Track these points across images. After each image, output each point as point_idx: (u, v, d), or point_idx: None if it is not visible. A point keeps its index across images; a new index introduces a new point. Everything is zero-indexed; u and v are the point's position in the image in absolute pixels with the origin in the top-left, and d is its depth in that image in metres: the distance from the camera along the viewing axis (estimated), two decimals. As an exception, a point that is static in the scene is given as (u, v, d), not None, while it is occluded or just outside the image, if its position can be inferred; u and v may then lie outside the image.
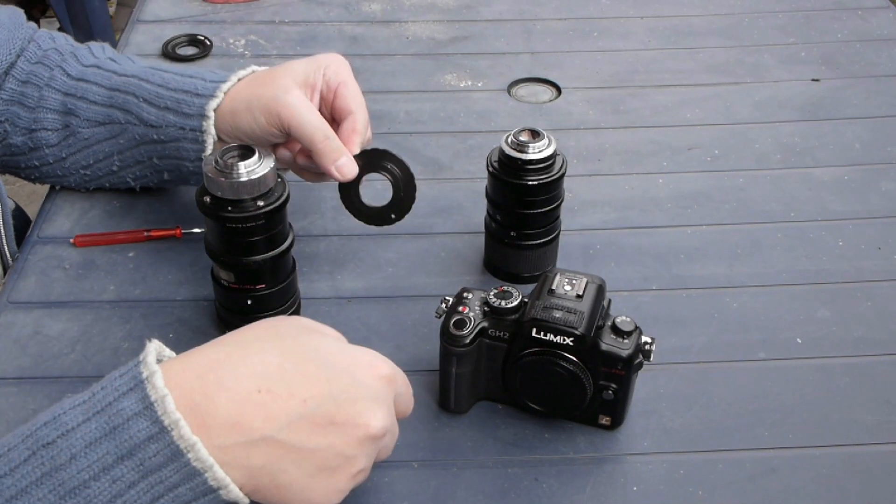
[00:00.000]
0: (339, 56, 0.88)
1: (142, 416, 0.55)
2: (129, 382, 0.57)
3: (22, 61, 0.95)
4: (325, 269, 0.93)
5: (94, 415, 0.56)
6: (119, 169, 0.94)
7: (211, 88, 0.86)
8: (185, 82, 0.88)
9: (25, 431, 0.57)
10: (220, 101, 0.86)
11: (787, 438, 0.76)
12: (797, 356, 0.84)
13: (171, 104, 0.87)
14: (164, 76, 0.90)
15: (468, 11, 1.39)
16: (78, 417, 0.56)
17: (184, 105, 0.87)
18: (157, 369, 0.57)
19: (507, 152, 0.84)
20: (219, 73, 0.90)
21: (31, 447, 0.55)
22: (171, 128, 0.88)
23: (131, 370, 0.58)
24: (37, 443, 0.56)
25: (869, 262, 0.94)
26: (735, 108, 1.18)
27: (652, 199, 1.02)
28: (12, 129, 0.94)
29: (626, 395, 0.74)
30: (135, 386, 0.56)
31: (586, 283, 0.74)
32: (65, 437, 0.55)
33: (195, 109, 0.86)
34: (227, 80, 0.87)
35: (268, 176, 0.75)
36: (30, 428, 0.57)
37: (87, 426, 0.56)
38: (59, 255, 0.93)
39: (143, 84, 0.90)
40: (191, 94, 0.87)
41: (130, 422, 0.55)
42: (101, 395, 0.57)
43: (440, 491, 0.72)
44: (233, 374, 0.58)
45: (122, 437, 0.55)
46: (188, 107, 0.87)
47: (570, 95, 1.20)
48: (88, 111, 0.92)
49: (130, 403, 0.56)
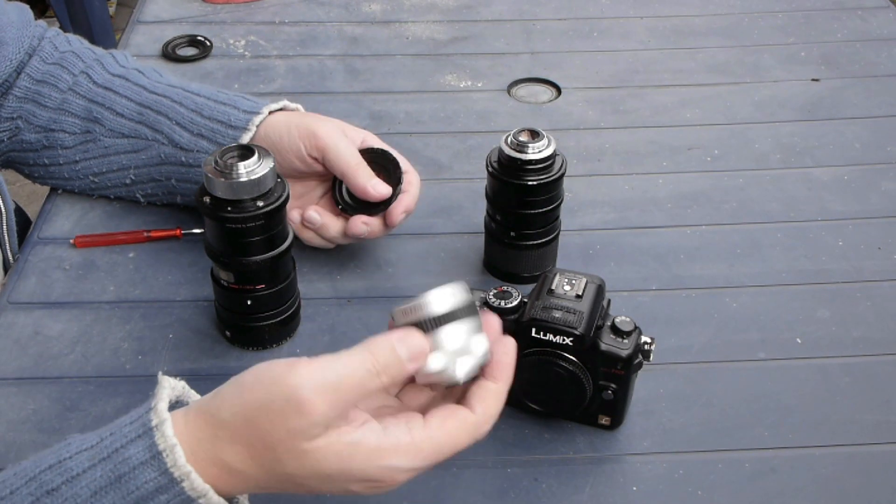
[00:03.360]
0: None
1: (148, 466, 0.54)
2: (138, 429, 0.56)
3: (36, 61, 0.96)
4: (325, 269, 0.93)
5: (99, 461, 0.55)
6: (132, 183, 0.95)
7: (244, 121, 0.89)
8: (218, 110, 0.90)
9: (29, 472, 0.56)
10: (253, 134, 0.88)
11: (786, 438, 0.76)
12: (797, 356, 0.84)
13: (205, 132, 0.90)
14: (197, 101, 0.91)
15: (468, 11, 1.39)
16: (84, 463, 0.55)
17: (218, 135, 0.89)
18: (167, 417, 0.56)
19: (507, 152, 0.84)
20: (251, 100, 0.91)
21: (34, 492, 0.55)
22: (204, 154, 0.89)
23: (141, 417, 0.56)
24: (41, 488, 0.55)
25: (869, 262, 0.94)
26: (735, 108, 1.18)
27: (652, 200, 1.02)
28: (26, 125, 0.95)
29: (626, 395, 0.74)
30: (143, 433, 0.55)
31: (586, 283, 0.74)
32: (70, 484, 0.55)
33: (229, 140, 0.88)
34: (259, 111, 0.89)
35: (267, 176, 0.75)
36: (33, 469, 0.56)
37: (93, 473, 0.55)
38: (60, 256, 0.93)
39: (175, 107, 0.91)
40: (224, 125, 0.89)
41: (137, 471, 0.54)
42: (109, 441, 0.56)
43: (440, 491, 0.72)
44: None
45: (129, 487, 0.54)
46: (222, 137, 0.89)
47: (570, 95, 1.20)
48: (114, 122, 0.93)
49: (137, 451, 0.55)
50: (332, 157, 0.86)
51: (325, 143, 0.86)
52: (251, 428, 0.55)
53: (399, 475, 0.57)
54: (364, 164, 0.86)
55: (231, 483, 0.56)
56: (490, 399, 0.61)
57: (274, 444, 0.55)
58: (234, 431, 0.56)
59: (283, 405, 0.54)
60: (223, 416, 0.56)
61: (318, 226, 0.89)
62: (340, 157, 0.86)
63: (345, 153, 0.86)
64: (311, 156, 0.87)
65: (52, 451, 0.57)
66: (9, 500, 0.55)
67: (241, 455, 0.56)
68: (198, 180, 0.91)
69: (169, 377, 0.60)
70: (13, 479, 0.56)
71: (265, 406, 0.55)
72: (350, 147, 0.87)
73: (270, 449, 0.55)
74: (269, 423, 0.55)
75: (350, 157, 0.86)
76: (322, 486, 0.57)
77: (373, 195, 0.86)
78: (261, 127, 0.89)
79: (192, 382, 0.63)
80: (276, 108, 0.90)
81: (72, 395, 0.79)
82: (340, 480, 0.57)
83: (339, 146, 0.86)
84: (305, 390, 0.54)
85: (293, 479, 0.57)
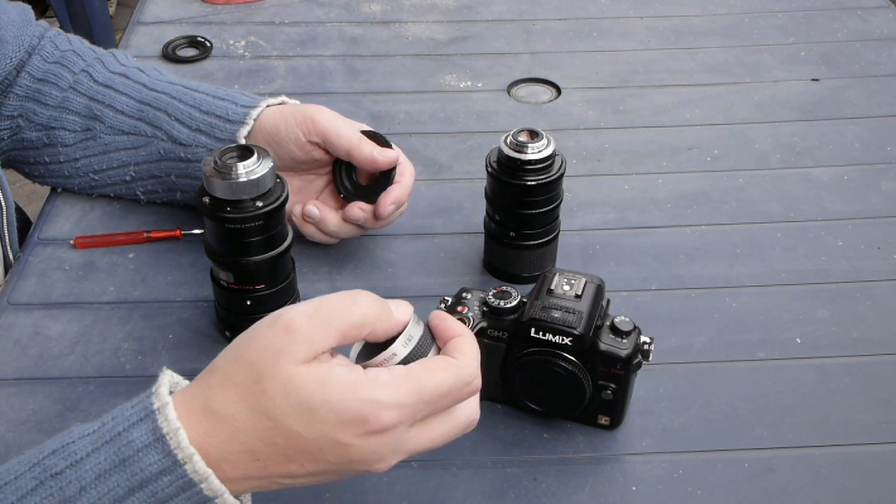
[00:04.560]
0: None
1: (152, 448, 0.55)
2: (140, 413, 0.56)
3: (37, 59, 0.96)
4: (325, 269, 0.93)
5: (103, 445, 0.55)
6: (132, 180, 0.95)
7: (241, 114, 0.89)
8: (216, 105, 0.91)
9: (32, 459, 0.56)
10: (251, 128, 0.89)
11: (786, 438, 0.76)
12: (796, 356, 0.84)
13: (203, 127, 0.90)
14: (196, 97, 0.92)
15: (468, 12, 1.39)
16: (87, 447, 0.55)
17: (216, 130, 0.89)
18: (168, 401, 0.56)
19: (506, 153, 0.84)
20: (249, 97, 0.92)
21: (38, 476, 0.55)
22: (202, 149, 0.90)
23: (143, 401, 0.57)
24: (45, 472, 0.55)
25: (868, 262, 0.94)
26: (735, 108, 1.18)
27: (651, 199, 1.02)
28: (27, 124, 0.96)
29: (625, 395, 0.74)
30: (145, 416, 0.56)
31: (585, 283, 0.74)
32: (74, 468, 0.55)
33: (227, 135, 0.89)
34: (257, 105, 0.90)
35: (266, 176, 0.75)
36: (37, 455, 0.56)
37: (97, 456, 0.55)
38: (60, 257, 0.93)
39: (175, 103, 0.92)
40: (222, 120, 0.89)
41: (141, 453, 0.55)
42: (111, 425, 0.56)
43: (439, 491, 0.72)
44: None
45: (133, 469, 0.54)
46: (220, 132, 0.89)
47: (570, 96, 1.20)
48: (114, 119, 0.93)
49: (140, 434, 0.55)
50: (334, 137, 0.87)
51: (324, 126, 0.87)
52: (240, 363, 0.57)
53: (383, 412, 0.56)
54: (366, 139, 0.87)
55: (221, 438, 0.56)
56: (463, 346, 0.61)
57: (261, 374, 0.56)
58: (224, 373, 0.57)
59: (269, 330, 0.57)
60: (216, 364, 0.58)
61: (317, 220, 0.89)
62: (342, 136, 0.87)
63: (346, 131, 0.87)
64: (310, 142, 0.87)
65: (55, 438, 0.57)
66: (13, 485, 0.55)
67: (230, 398, 0.56)
68: (197, 176, 0.91)
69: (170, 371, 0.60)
70: (17, 466, 0.56)
71: (254, 337, 0.57)
72: (350, 126, 0.88)
73: (257, 381, 0.55)
74: (258, 351, 0.56)
75: (352, 134, 0.87)
76: (309, 433, 0.56)
77: (381, 161, 0.87)
78: (258, 120, 0.89)
79: (192, 383, 0.63)
80: (274, 102, 0.91)
81: (72, 395, 0.79)
82: (325, 420, 0.55)
83: (339, 126, 0.87)
84: (290, 313, 0.57)
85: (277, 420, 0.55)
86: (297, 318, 0.57)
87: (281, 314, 0.58)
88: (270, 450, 0.56)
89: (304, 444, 0.56)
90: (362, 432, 0.56)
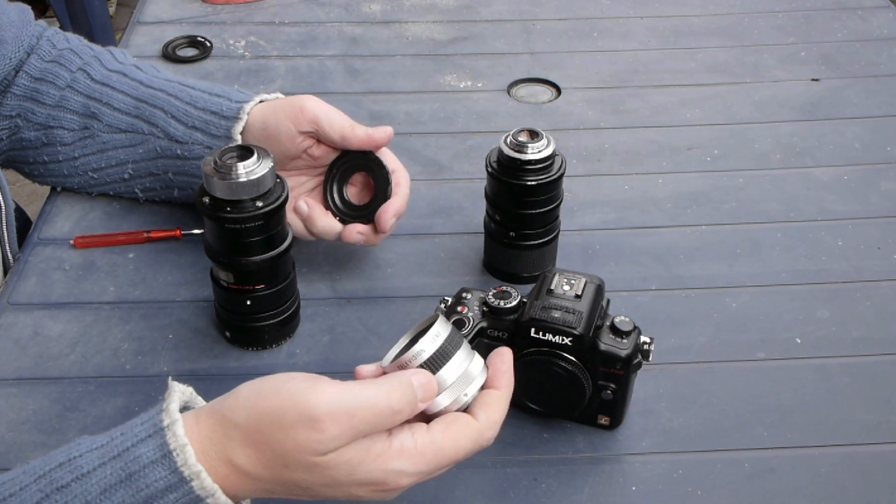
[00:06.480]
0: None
1: (159, 465, 0.55)
2: (149, 429, 0.56)
3: (35, 59, 0.96)
4: (325, 269, 0.93)
5: (110, 460, 0.55)
6: (130, 178, 0.95)
7: (235, 110, 0.89)
8: (211, 102, 0.90)
9: (38, 470, 0.56)
10: (245, 122, 0.88)
11: (785, 438, 0.76)
12: (796, 356, 0.84)
13: (199, 124, 0.90)
14: (191, 94, 0.92)
15: (468, 12, 1.39)
16: (94, 461, 0.55)
17: (211, 126, 0.89)
18: (178, 418, 0.56)
19: (506, 153, 0.84)
20: (244, 93, 0.91)
21: (44, 489, 0.55)
22: (198, 146, 0.90)
23: (152, 417, 0.57)
24: (50, 485, 0.55)
25: (868, 262, 0.94)
26: (735, 108, 1.18)
27: (651, 200, 1.02)
28: (25, 123, 0.96)
29: (625, 395, 0.74)
30: (154, 433, 0.56)
31: (585, 283, 0.74)
32: (80, 482, 0.55)
33: (222, 131, 0.88)
34: (250, 100, 0.89)
35: (266, 176, 0.75)
36: (42, 467, 0.56)
37: (103, 471, 0.55)
38: (60, 257, 0.93)
39: (171, 100, 0.92)
40: (217, 116, 0.89)
41: (147, 469, 0.55)
42: (120, 441, 0.56)
43: (439, 491, 0.72)
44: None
45: (139, 485, 0.55)
46: (215, 128, 0.89)
47: (570, 96, 1.20)
48: (111, 117, 0.93)
49: (148, 450, 0.55)
50: (326, 123, 0.85)
51: (315, 114, 0.86)
52: (262, 435, 0.56)
53: (403, 479, 0.58)
54: (356, 125, 0.86)
55: (238, 485, 0.57)
56: (493, 405, 0.62)
57: (284, 453, 0.56)
58: (245, 434, 0.56)
59: (297, 419, 0.55)
60: (236, 419, 0.57)
61: (304, 216, 0.88)
62: (334, 122, 0.86)
63: (337, 117, 0.86)
64: (301, 132, 0.86)
65: (62, 450, 0.57)
66: (18, 497, 0.55)
67: (251, 458, 0.56)
68: (194, 173, 0.91)
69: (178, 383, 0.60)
70: (22, 477, 0.56)
71: (279, 417, 0.56)
72: (340, 114, 0.87)
73: (280, 456, 0.56)
74: (282, 434, 0.56)
75: (343, 119, 0.86)
76: (328, 492, 0.58)
77: (378, 138, 0.86)
78: (251, 115, 0.88)
79: (193, 382, 0.63)
80: (269, 98, 0.90)
81: (72, 395, 0.79)
82: (347, 485, 0.58)
83: (330, 113, 0.86)
84: (321, 409, 0.55)
85: (300, 484, 0.57)
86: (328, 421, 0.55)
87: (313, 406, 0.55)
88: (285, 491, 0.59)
89: (321, 496, 0.59)
90: (377, 490, 0.58)
